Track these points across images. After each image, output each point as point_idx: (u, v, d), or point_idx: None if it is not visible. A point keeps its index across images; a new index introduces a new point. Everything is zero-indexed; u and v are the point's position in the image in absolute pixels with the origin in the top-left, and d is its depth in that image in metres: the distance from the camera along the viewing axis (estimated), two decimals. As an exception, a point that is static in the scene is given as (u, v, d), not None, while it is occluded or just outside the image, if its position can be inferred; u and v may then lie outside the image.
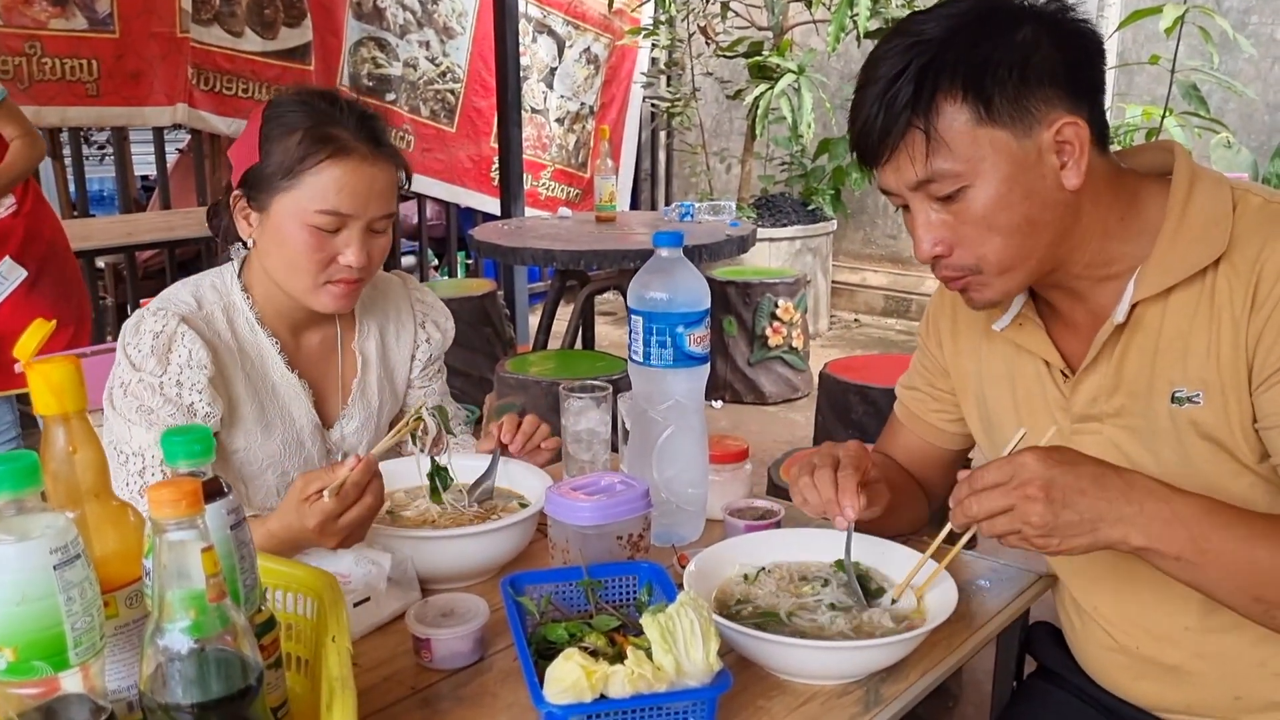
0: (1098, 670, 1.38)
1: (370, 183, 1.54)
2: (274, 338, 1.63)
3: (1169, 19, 4.30)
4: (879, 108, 1.14)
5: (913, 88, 1.12)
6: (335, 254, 1.54)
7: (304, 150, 1.50)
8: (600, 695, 0.98)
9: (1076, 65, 1.15)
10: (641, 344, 1.51)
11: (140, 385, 1.49)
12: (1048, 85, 1.12)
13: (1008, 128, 1.12)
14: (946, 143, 1.12)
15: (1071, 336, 1.28)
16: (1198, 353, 1.16)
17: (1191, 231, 1.16)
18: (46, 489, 0.85)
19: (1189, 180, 1.19)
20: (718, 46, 6.14)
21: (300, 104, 1.55)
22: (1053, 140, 1.13)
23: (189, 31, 5.10)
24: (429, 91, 6.12)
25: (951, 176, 1.13)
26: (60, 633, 0.79)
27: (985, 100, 1.11)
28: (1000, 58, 1.11)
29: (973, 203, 1.14)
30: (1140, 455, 1.22)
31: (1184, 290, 1.17)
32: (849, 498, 1.25)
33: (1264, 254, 1.12)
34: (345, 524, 1.29)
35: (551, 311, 4.63)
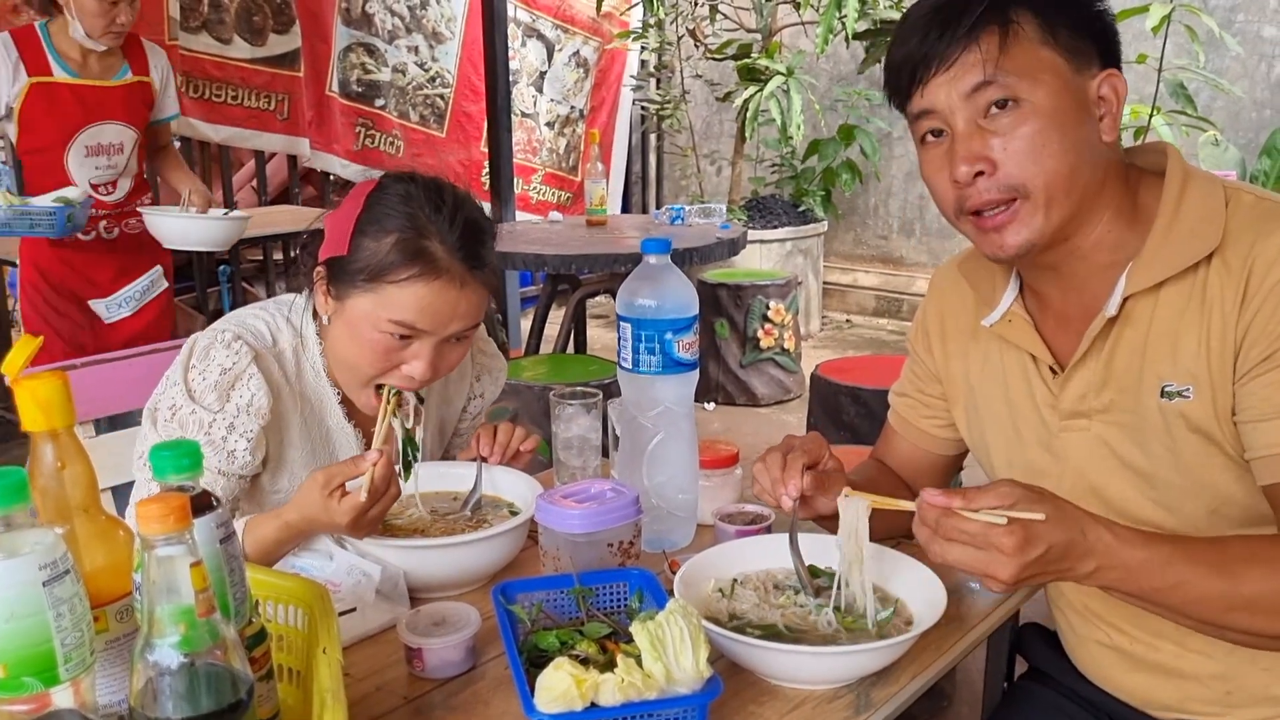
0: (1090, 666, 1.38)
1: (455, 306, 1.47)
2: (336, 388, 1.59)
3: (1155, 18, 4.31)
4: (953, 11, 1.16)
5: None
6: (401, 362, 1.50)
7: (393, 260, 1.44)
8: (591, 703, 0.99)
9: (1111, 36, 1.21)
10: (630, 351, 1.51)
11: (191, 417, 1.46)
12: (1093, 41, 1.18)
13: (1066, 58, 1.16)
14: (1020, 45, 1.15)
15: (1060, 332, 1.29)
16: (1188, 347, 1.17)
17: (1184, 227, 1.18)
18: (35, 505, 0.85)
19: (1182, 178, 1.21)
20: (707, 49, 6.16)
21: (402, 200, 1.47)
22: (1096, 92, 1.18)
23: (177, 39, 5.09)
24: (418, 97, 6.12)
25: (1010, 87, 1.15)
26: (50, 649, 0.79)
27: (1053, 25, 1.16)
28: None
29: (1025, 119, 1.15)
30: (1128, 451, 1.23)
31: (1175, 285, 1.18)
32: (793, 479, 1.29)
33: (1255, 249, 1.13)
34: (375, 516, 1.35)
35: (543, 316, 4.63)
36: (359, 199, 1.49)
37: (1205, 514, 1.21)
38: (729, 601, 1.30)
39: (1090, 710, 1.39)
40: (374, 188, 1.50)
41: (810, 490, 1.32)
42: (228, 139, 5.42)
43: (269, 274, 5.06)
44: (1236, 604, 1.08)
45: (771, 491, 1.32)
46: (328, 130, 5.75)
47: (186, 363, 1.49)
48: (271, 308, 1.60)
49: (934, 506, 1.05)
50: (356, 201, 1.49)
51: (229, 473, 1.48)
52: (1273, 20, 5.32)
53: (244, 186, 5.90)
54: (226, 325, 1.53)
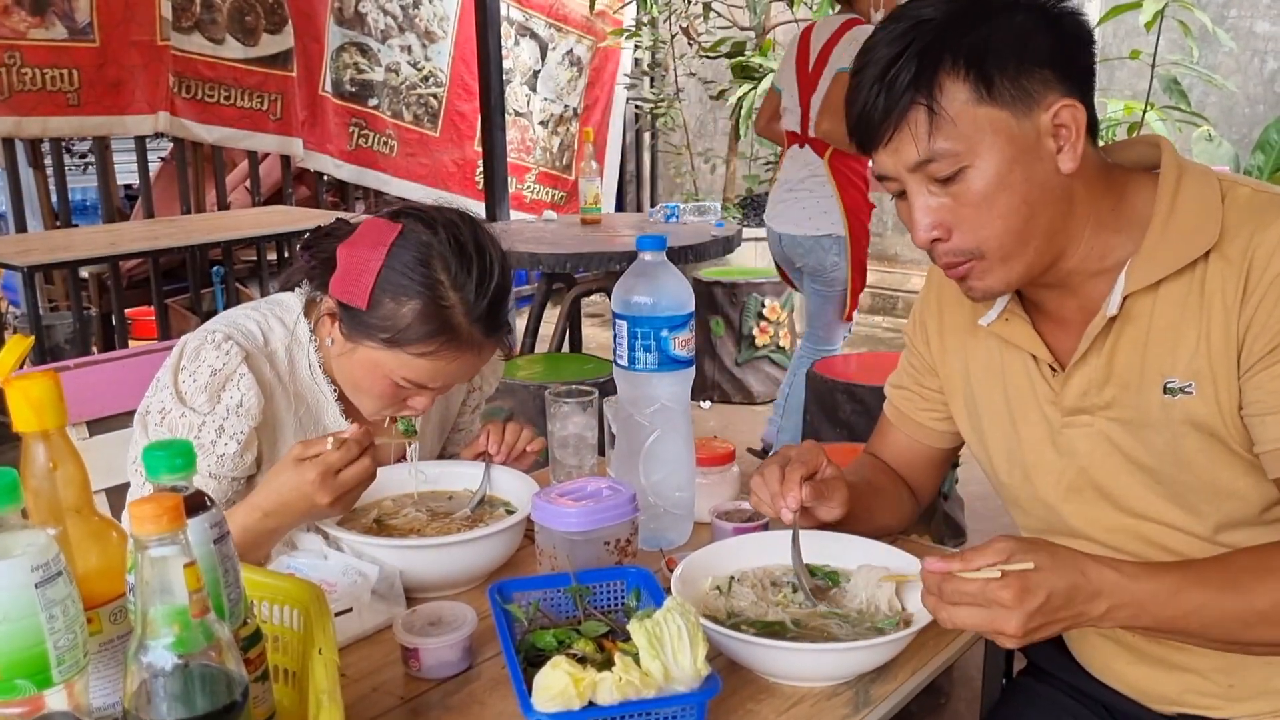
0: (1091, 658, 1.38)
1: (469, 368, 1.51)
2: (332, 385, 1.59)
3: (1149, 13, 4.32)
4: (880, 88, 1.15)
5: (915, 66, 1.13)
6: (407, 399, 1.52)
7: (413, 333, 1.43)
8: (589, 702, 0.98)
9: (1070, 53, 1.16)
10: (626, 348, 1.50)
11: (180, 421, 1.45)
12: (1045, 68, 1.14)
13: (1008, 108, 1.13)
14: (949, 119, 1.13)
15: (1059, 331, 1.28)
16: (1189, 343, 1.16)
17: (1182, 223, 1.17)
18: (27, 506, 0.85)
19: (1177, 173, 1.20)
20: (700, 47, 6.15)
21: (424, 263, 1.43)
22: (1050, 123, 1.14)
23: (170, 39, 5.08)
24: (412, 96, 6.11)
25: (951, 156, 1.14)
26: (43, 651, 0.79)
27: (986, 80, 1.12)
28: (1000, 39, 1.13)
29: (972, 183, 1.14)
30: (1132, 447, 1.23)
31: (1174, 281, 1.17)
32: (792, 492, 1.30)
33: (1254, 242, 1.12)
34: (344, 480, 1.31)
35: (538, 315, 4.62)
36: (379, 248, 1.45)
37: (1214, 509, 1.20)
38: (727, 599, 1.29)
39: (1090, 706, 1.38)
40: (397, 236, 1.46)
41: (810, 501, 1.32)
42: (221, 140, 5.41)
43: (263, 274, 5.05)
44: (1253, 620, 1.06)
45: (771, 505, 1.32)
46: (321, 130, 5.74)
47: (176, 365, 1.48)
48: (263, 307, 1.59)
49: (935, 574, 1.05)
50: (376, 250, 1.45)
51: (220, 475, 1.47)
52: (1265, 16, 5.33)
53: (237, 187, 5.88)
54: (217, 326, 1.52)
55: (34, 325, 4.01)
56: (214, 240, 4.55)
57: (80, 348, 4.31)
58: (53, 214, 5.26)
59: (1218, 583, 1.07)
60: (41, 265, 3.94)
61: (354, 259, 1.46)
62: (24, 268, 3.76)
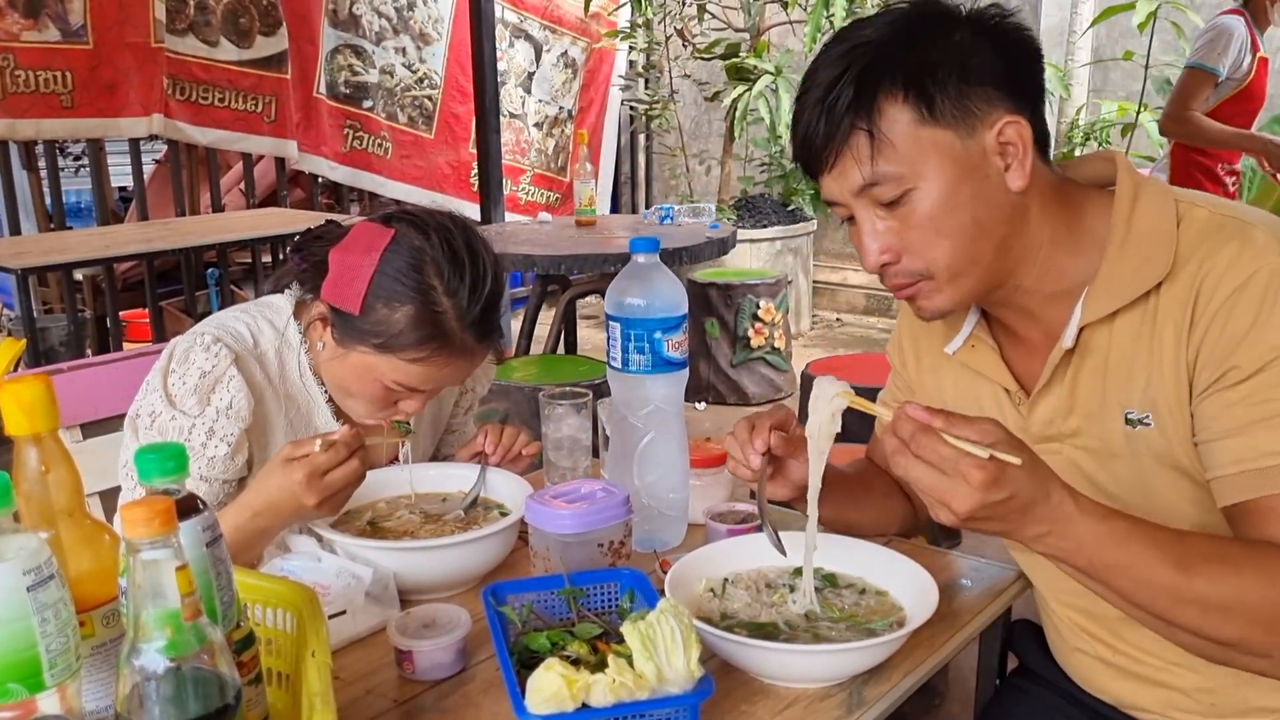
0: (1075, 670, 1.38)
1: (461, 372, 1.52)
2: (323, 387, 1.59)
3: (1142, 14, 4.33)
4: (820, 112, 1.14)
5: (854, 89, 1.11)
6: (397, 402, 1.52)
7: (406, 339, 1.43)
8: (582, 704, 0.98)
9: (1016, 69, 1.15)
10: (620, 350, 1.51)
11: (171, 424, 1.45)
12: (989, 85, 1.12)
13: (951, 128, 1.11)
14: (890, 142, 1.11)
15: (1025, 357, 1.27)
16: (1144, 374, 1.14)
17: (1136, 251, 1.14)
18: (19, 509, 0.84)
19: (1132, 193, 1.17)
20: (695, 49, 6.15)
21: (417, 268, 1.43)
22: (996, 141, 1.13)
23: (164, 41, 5.07)
24: (406, 98, 6.10)
25: (895, 179, 1.12)
26: (35, 654, 0.79)
27: (927, 100, 1.11)
28: (940, 58, 1.11)
29: (918, 205, 1.13)
30: (1099, 475, 1.22)
31: (1128, 313, 1.15)
32: (760, 436, 1.30)
33: (1203, 269, 1.10)
34: (330, 481, 1.31)
35: (533, 317, 4.62)
36: (372, 253, 1.45)
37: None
38: (720, 601, 1.29)
39: (1080, 708, 1.38)
40: (389, 241, 1.45)
41: (779, 449, 1.30)
42: (215, 141, 5.40)
43: (258, 277, 5.04)
44: (1186, 598, 1.03)
45: (741, 455, 1.31)
46: (316, 132, 5.74)
47: (166, 368, 1.48)
48: (253, 309, 1.59)
49: (912, 420, 1.02)
50: (369, 255, 1.45)
51: (211, 478, 1.47)
52: (1258, 17, 5.33)
53: (232, 189, 5.88)
54: (206, 328, 1.52)
55: (28, 328, 4.00)
56: (209, 243, 4.55)
57: (75, 350, 4.30)
58: (47, 216, 5.25)
59: (1165, 550, 1.03)
60: (36, 268, 3.93)
61: (346, 264, 1.46)
62: (18, 270, 3.76)
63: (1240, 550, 1.06)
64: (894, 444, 1.04)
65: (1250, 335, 1.06)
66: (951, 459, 0.99)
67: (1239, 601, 1.02)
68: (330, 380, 1.56)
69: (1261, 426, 1.06)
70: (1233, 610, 1.03)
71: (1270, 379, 1.05)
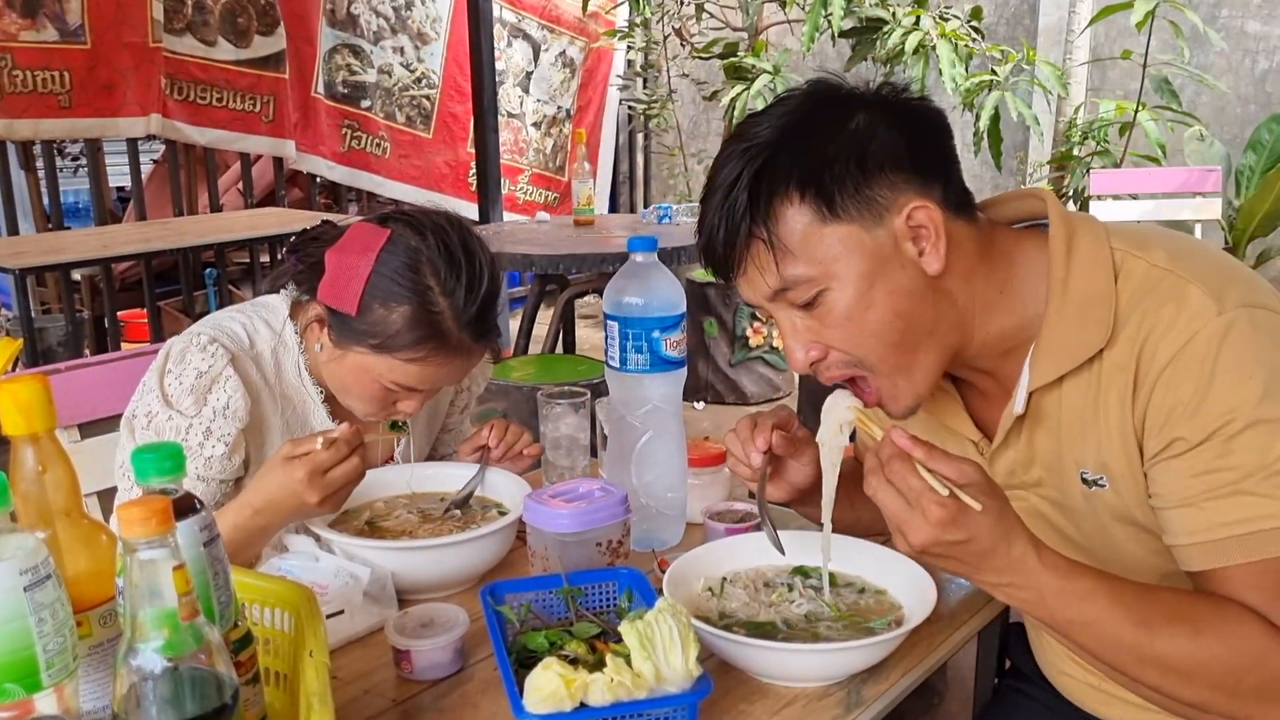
0: (1066, 689, 1.36)
1: (458, 371, 1.52)
2: (319, 387, 1.59)
3: (1140, 14, 4.33)
4: (720, 218, 1.11)
5: (747, 196, 1.09)
6: (395, 402, 1.52)
7: (403, 339, 1.43)
8: (580, 704, 0.98)
9: (919, 145, 1.11)
10: (618, 349, 1.50)
11: (167, 424, 1.45)
12: (890, 170, 1.08)
13: (855, 221, 1.08)
14: (791, 249, 1.08)
15: (986, 405, 1.25)
16: (1095, 437, 1.12)
17: (1076, 313, 1.10)
18: (16, 509, 0.84)
19: (1066, 245, 1.12)
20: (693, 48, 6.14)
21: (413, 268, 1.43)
22: (905, 226, 1.09)
23: (161, 41, 5.07)
24: (404, 98, 6.10)
25: (806, 281, 1.09)
26: (32, 655, 0.79)
27: (826, 198, 1.07)
28: (836, 151, 1.08)
29: (835, 305, 1.10)
30: (1062, 523, 1.21)
31: (1076, 376, 1.12)
32: (761, 435, 1.29)
33: (1141, 331, 1.06)
34: (332, 479, 1.31)
35: (531, 316, 4.62)
36: (368, 254, 1.45)
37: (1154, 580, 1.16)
38: (718, 600, 1.29)
39: (1078, 713, 1.38)
40: (385, 241, 1.45)
41: (780, 449, 1.30)
42: (213, 141, 5.40)
43: (255, 276, 5.05)
44: (1147, 658, 1.02)
45: (742, 453, 1.31)
46: (313, 132, 5.74)
47: (162, 368, 1.48)
48: (249, 310, 1.59)
49: (893, 445, 1.02)
50: (365, 256, 1.45)
51: (208, 478, 1.47)
52: (1257, 15, 5.34)
53: (230, 189, 5.88)
54: (202, 329, 1.52)
55: (26, 328, 4.00)
56: (206, 242, 4.55)
57: (73, 350, 4.30)
58: (44, 216, 5.25)
59: (1129, 609, 1.02)
60: (34, 268, 3.94)
61: (343, 265, 1.46)
62: (16, 270, 3.76)
63: (1205, 612, 1.03)
64: (872, 464, 1.04)
65: (1191, 404, 1.02)
66: (916, 491, 1.00)
67: (1199, 664, 1.01)
68: (328, 381, 1.56)
69: (1211, 498, 1.02)
70: (1193, 673, 1.02)
71: (1217, 449, 1.02)
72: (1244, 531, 1.01)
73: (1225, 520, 1.02)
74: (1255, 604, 1.01)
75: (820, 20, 5.02)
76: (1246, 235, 4.95)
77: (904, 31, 4.62)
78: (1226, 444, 1.01)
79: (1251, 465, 1.00)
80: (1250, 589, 1.01)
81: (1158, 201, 4.68)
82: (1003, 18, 5.96)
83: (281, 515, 1.35)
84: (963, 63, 4.62)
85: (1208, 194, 4.60)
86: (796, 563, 1.35)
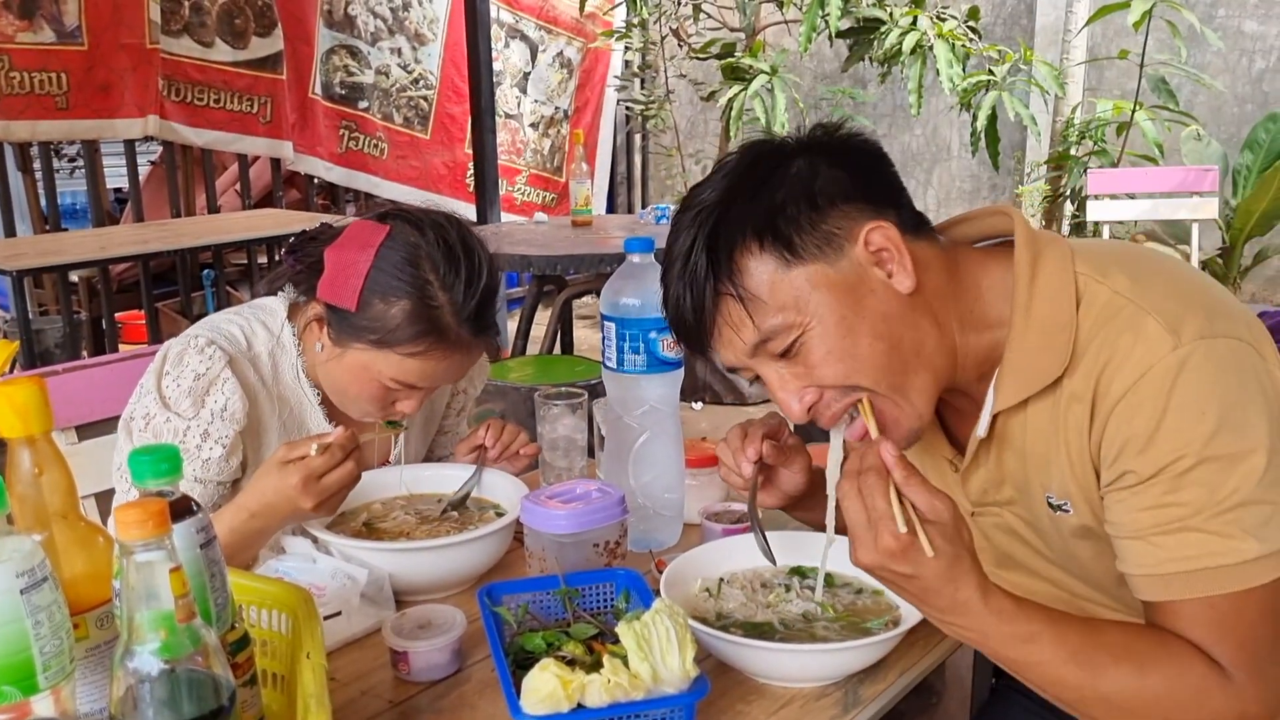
0: None
1: (458, 367, 1.51)
2: (316, 389, 1.59)
3: (1137, 13, 4.34)
4: (683, 287, 1.11)
5: (706, 258, 1.08)
6: (394, 402, 1.52)
7: (403, 333, 1.43)
8: (578, 705, 0.98)
9: (862, 176, 1.12)
10: (615, 350, 1.51)
11: (165, 426, 1.45)
12: (842, 203, 1.09)
13: (818, 259, 1.08)
14: (762, 298, 1.08)
15: (963, 424, 1.24)
16: (1057, 464, 1.12)
17: (1038, 338, 1.10)
18: (13, 511, 0.84)
19: (1030, 267, 1.11)
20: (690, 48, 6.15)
21: (413, 262, 1.44)
22: (867, 252, 1.09)
23: (159, 42, 5.07)
24: (402, 98, 6.10)
25: (784, 329, 1.09)
26: (29, 657, 0.79)
27: (785, 241, 1.08)
28: (784, 196, 1.08)
29: (816, 345, 1.09)
30: (1034, 540, 1.21)
31: (1039, 400, 1.11)
32: (752, 444, 1.29)
33: (1099, 361, 1.05)
34: (327, 484, 1.31)
35: (529, 316, 4.62)
36: (368, 249, 1.45)
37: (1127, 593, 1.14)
38: (716, 600, 1.29)
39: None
40: (384, 237, 1.46)
41: (771, 458, 1.30)
42: (210, 143, 5.40)
43: (253, 277, 5.05)
44: (1090, 697, 1.02)
45: (734, 463, 1.31)
46: (311, 133, 5.74)
47: (160, 370, 1.48)
48: (246, 312, 1.59)
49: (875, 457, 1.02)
50: (365, 252, 1.45)
51: (206, 480, 1.47)
52: (1253, 15, 5.35)
53: (227, 190, 5.88)
54: (200, 331, 1.52)
55: (24, 329, 4.00)
56: (204, 244, 4.55)
57: (70, 351, 4.30)
58: (42, 218, 5.25)
59: (1073, 650, 1.02)
60: (31, 269, 3.93)
61: (342, 261, 1.46)
62: (13, 272, 3.76)
63: (1150, 649, 1.03)
64: (852, 465, 1.04)
65: (1143, 439, 1.02)
66: (878, 513, 1.00)
67: (1144, 703, 1.01)
68: (328, 382, 1.56)
69: (1160, 533, 1.02)
70: (1137, 711, 1.02)
71: (1166, 484, 1.01)
72: (1190, 568, 1.01)
73: (1173, 556, 1.02)
74: (1199, 639, 1.01)
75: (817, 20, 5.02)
76: (1243, 234, 4.96)
77: (901, 32, 4.63)
78: (1176, 480, 1.01)
79: (1201, 502, 1.00)
80: (1195, 624, 1.02)
81: (1155, 201, 4.69)
82: (1000, 17, 5.96)
83: (277, 519, 1.35)
84: (960, 63, 4.62)
85: (1205, 193, 4.60)
86: (793, 563, 1.35)
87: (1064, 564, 1.20)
